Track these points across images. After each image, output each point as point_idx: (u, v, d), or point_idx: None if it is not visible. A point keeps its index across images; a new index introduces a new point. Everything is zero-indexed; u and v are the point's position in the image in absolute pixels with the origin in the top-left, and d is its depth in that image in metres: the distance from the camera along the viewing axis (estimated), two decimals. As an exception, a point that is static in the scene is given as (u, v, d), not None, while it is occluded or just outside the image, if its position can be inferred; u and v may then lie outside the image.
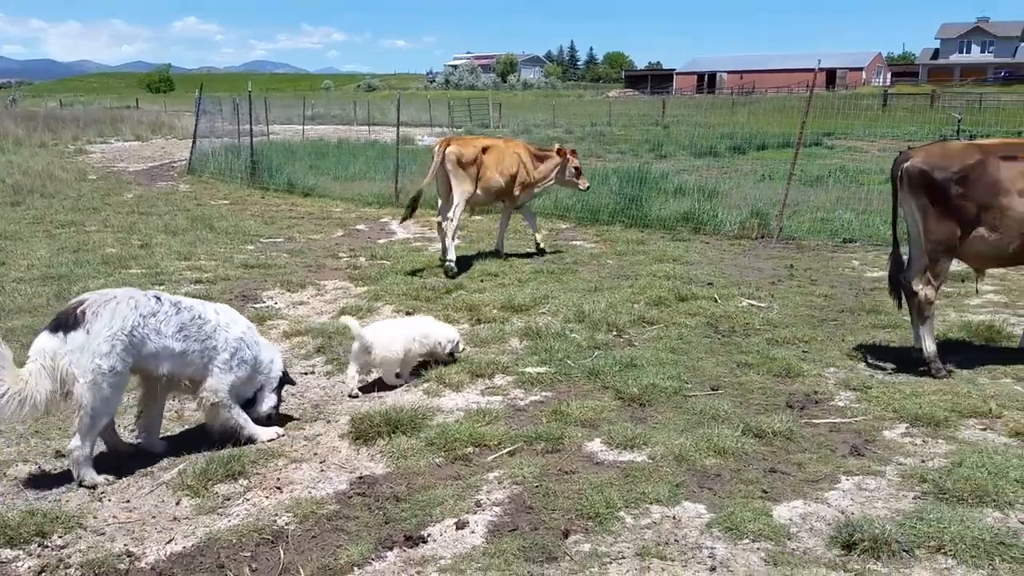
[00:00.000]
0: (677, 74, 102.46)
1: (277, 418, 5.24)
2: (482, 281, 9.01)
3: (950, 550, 3.63)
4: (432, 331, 6.09)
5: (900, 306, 6.41)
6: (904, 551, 3.62)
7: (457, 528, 3.90)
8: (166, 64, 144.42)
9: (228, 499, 4.28)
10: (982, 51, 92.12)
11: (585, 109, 52.64)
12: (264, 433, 4.98)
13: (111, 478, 4.49)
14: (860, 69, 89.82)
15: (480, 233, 12.23)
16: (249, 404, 5.03)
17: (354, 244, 11.56)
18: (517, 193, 10.44)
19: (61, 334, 4.23)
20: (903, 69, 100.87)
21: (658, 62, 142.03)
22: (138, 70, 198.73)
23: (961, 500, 4.06)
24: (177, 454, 4.77)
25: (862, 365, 6.21)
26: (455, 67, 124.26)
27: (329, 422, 5.28)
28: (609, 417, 5.22)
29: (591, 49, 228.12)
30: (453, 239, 9.61)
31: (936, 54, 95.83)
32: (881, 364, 6.21)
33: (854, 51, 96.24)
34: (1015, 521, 3.89)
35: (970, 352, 6.50)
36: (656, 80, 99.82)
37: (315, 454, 4.81)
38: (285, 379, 5.24)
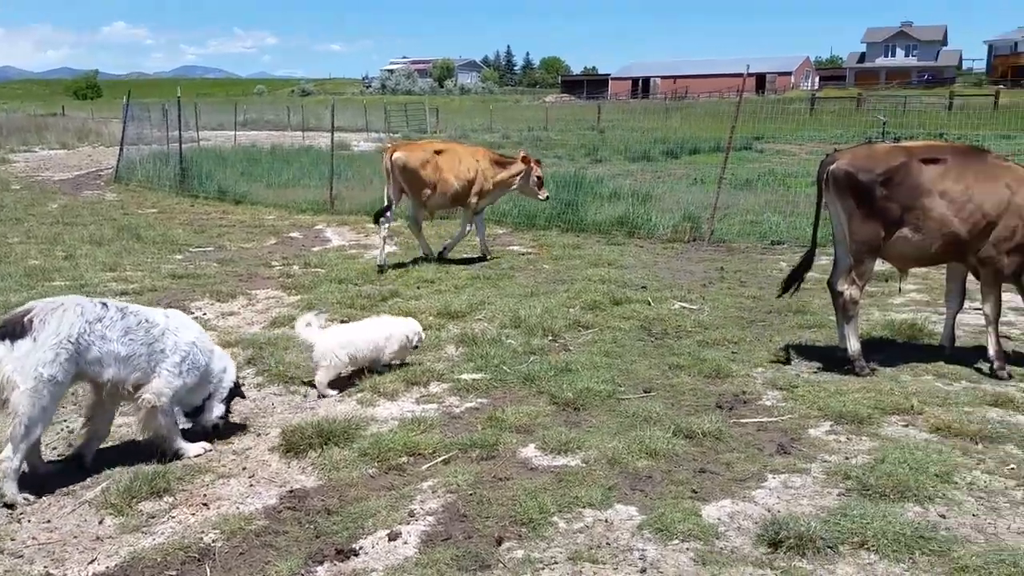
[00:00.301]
0: (612, 79, 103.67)
1: (222, 430, 5.17)
2: (418, 288, 8.97)
3: (873, 545, 3.73)
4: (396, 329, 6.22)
5: (780, 296, 6.87)
6: (828, 547, 3.72)
7: (389, 540, 3.87)
8: (93, 70, 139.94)
9: (153, 517, 4.18)
10: (906, 55, 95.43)
11: (522, 114, 52.93)
12: (191, 449, 4.86)
13: (31, 498, 4.34)
14: (789, 73, 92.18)
15: (406, 240, 12.16)
16: (197, 412, 5.00)
17: (287, 252, 11.39)
18: (474, 200, 10.46)
19: (8, 342, 4.18)
20: (831, 73, 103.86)
21: (594, 67, 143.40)
22: (64, 76, 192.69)
23: (883, 496, 4.18)
24: (100, 471, 4.63)
25: (789, 365, 6.37)
26: (392, 72, 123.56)
27: (259, 435, 5.19)
28: (544, 422, 5.25)
29: (528, 54, 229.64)
30: (386, 239, 10.08)
31: (862, 58, 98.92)
32: (807, 363, 6.37)
33: (783, 55, 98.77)
34: (934, 515, 4.02)
35: (893, 350, 6.71)
36: (592, 85, 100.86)
37: (244, 468, 4.72)
38: (236, 391, 5.18)
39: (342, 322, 7.27)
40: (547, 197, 11.22)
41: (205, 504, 4.28)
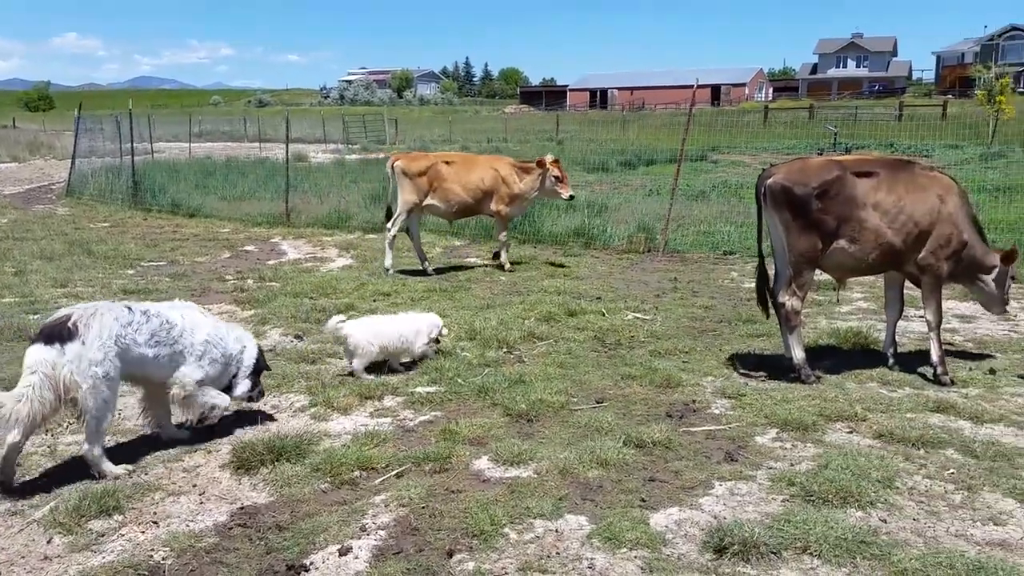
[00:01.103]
0: (570, 90, 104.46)
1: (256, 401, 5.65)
2: (374, 301, 8.97)
3: (815, 550, 3.82)
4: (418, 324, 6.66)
5: (768, 316, 6.73)
6: (772, 553, 3.81)
7: (340, 555, 3.88)
8: (45, 81, 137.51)
9: (102, 535, 4.13)
10: (857, 65, 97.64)
11: (482, 125, 53.08)
12: (220, 400, 5.27)
13: (129, 467, 4.84)
14: (743, 85, 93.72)
15: (374, 252, 12.17)
16: (226, 391, 5.38)
17: (241, 266, 11.31)
18: (502, 208, 10.61)
19: (58, 345, 4.48)
20: (784, 84, 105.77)
21: (552, 78, 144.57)
22: (15, 87, 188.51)
23: (826, 502, 4.28)
24: (49, 490, 4.58)
25: (737, 374, 6.50)
26: (350, 82, 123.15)
27: (210, 452, 5.15)
28: (497, 434, 5.29)
29: (487, 65, 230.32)
30: (391, 247, 10.48)
31: (815, 69, 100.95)
32: (755, 372, 6.50)
33: (738, 67, 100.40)
34: (876, 520, 4.14)
35: (839, 357, 6.87)
36: (550, 96, 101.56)
37: (194, 486, 4.69)
38: (260, 365, 5.57)
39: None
40: (571, 196, 10.88)
41: (155, 522, 4.25)
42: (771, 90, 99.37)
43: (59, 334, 4.50)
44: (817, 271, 6.53)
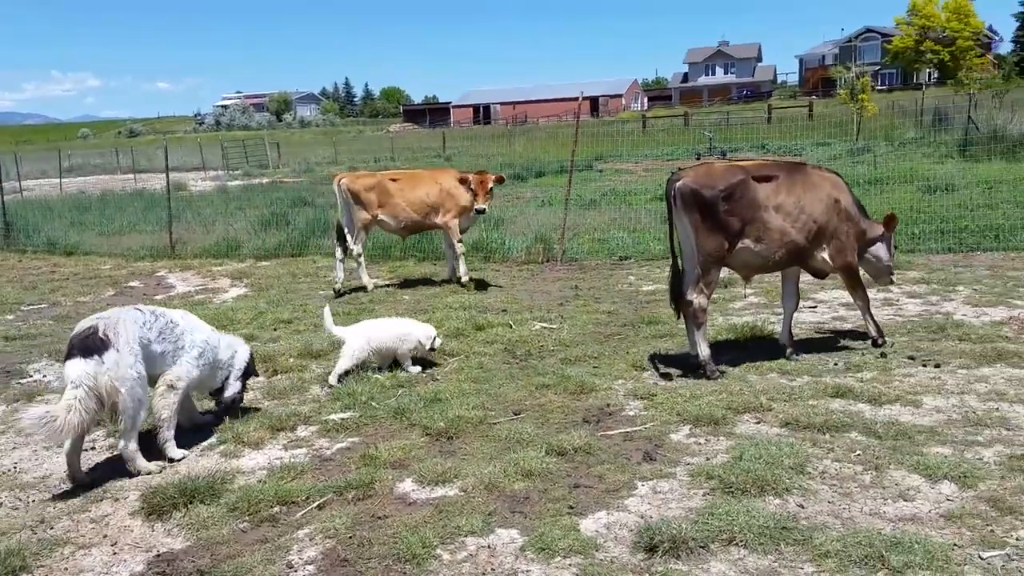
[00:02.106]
0: (454, 107, 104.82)
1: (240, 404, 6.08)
2: (275, 329, 8.73)
3: (741, 540, 3.94)
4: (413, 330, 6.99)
5: (679, 316, 6.92)
6: (700, 547, 3.90)
7: (270, 593, 3.74)
8: None
9: (6, 603, 3.85)
10: (725, 72, 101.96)
11: (367, 145, 52.64)
12: (175, 451, 5.44)
13: (162, 463, 5.22)
14: (620, 96, 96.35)
15: (268, 280, 11.85)
16: (218, 392, 5.92)
17: (127, 303, 10.74)
18: (450, 220, 10.47)
19: (96, 357, 4.86)
20: (657, 93, 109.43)
21: (435, 96, 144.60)
22: None
23: (745, 492, 4.42)
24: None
25: (647, 374, 6.64)
26: (225, 107, 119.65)
27: (117, 500, 4.88)
28: (419, 455, 5.22)
29: (367, 85, 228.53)
30: (360, 264, 10.66)
31: (685, 77, 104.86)
32: (663, 372, 6.66)
33: (613, 78, 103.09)
34: (793, 505, 4.29)
35: (738, 352, 7.12)
36: (434, 113, 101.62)
37: (105, 536, 4.43)
38: (249, 370, 6.06)
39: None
40: (480, 210, 10.16)
41: (64, 581, 3.99)
42: (646, 99, 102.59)
43: (94, 345, 4.89)
44: (726, 270, 6.79)
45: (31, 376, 7.52)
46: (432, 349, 7.05)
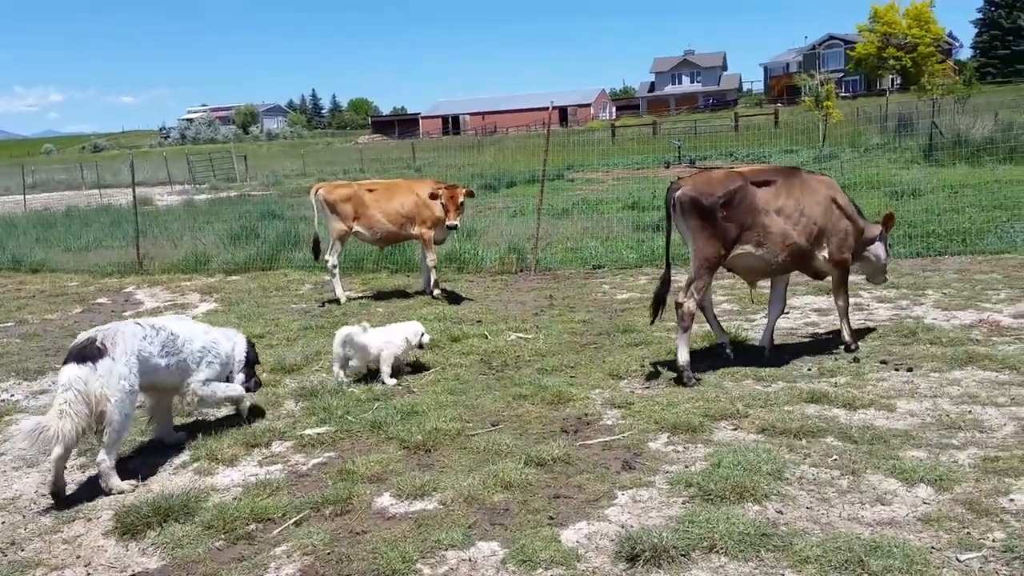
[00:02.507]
0: (423, 118, 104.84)
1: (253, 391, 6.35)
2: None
3: (721, 548, 3.93)
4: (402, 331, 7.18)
5: (653, 322, 6.98)
6: (682, 555, 3.89)
7: (248, 614, 3.68)
8: None
9: (-27, 630, 3.75)
10: (691, 81, 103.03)
11: (336, 156, 52.39)
12: (245, 396, 6.14)
13: (135, 482, 5.15)
14: (588, 105, 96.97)
15: (239, 294, 11.72)
16: (232, 401, 6.12)
17: (96, 320, 10.58)
18: (425, 231, 10.41)
19: (90, 364, 4.95)
20: (625, 103, 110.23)
21: (403, 107, 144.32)
22: None
23: (724, 499, 4.42)
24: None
25: (623, 383, 6.65)
26: (191, 121, 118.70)
27: (89, 520, 4.78)
28: (396, 468, 5.17)
29: (334, 96, 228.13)
30: (334, 276, 10.58)
31: (652, 87, 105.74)
32: (639, 380, 6.67)
33: (582, 88, 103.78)
34: (772, 512, 4.30)
35: (714, 359, 7.15)
36: (403, 125, 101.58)
37: (78, 557, 4.33)
38: (252, 360, 6.27)
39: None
40: (452, 226, 9.87)
41: (34, 606, 3.89)
42: (614, 109, 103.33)
43: (90, 353, 4.99)
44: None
45: (-4, 396, 7.34)
46: (420, 346, 7.25)
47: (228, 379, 6.04)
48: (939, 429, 5.25)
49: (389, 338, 7.05)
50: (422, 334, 7.23)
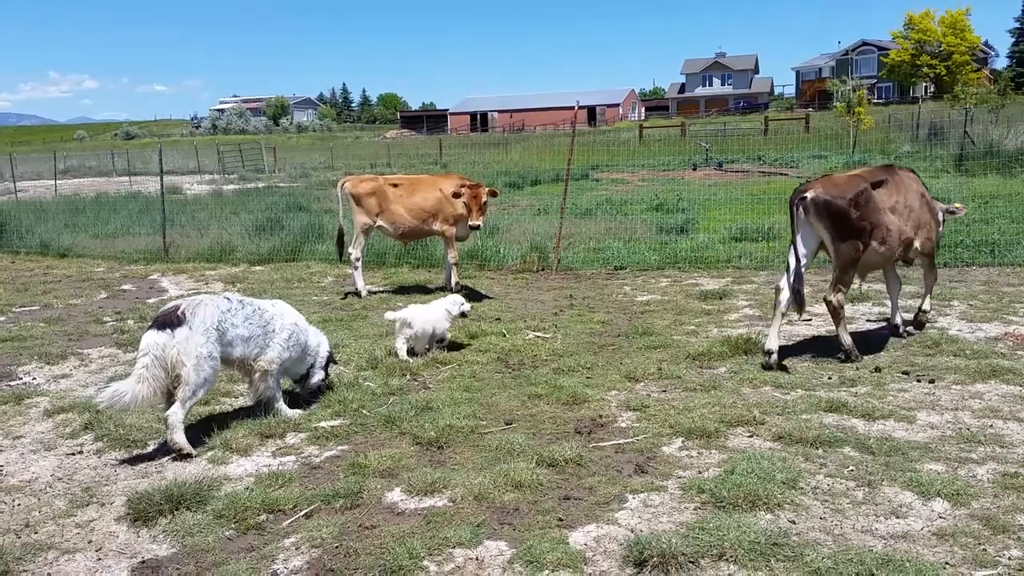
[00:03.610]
0: (451, 114, 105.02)
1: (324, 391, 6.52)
2: (266, 335, 8.66)
3: (731, 556, 3.89)
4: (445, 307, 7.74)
5: (800, 315, 7.53)
6: (690, 562, 3.85)
7: (254, 604, 3.69)
8: None
9: (-14, 609, 3.80)
10: (722, 84, 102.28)
11: (364, 151, 52.56)
12: (290, 412, 6.07)
13: (194, 451, 5.40)
14: (617, 105, 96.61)
15: (261, 285, 11.79)
16: (303, 379, 6.35)
17: (120, 306, 10.73)
18: (447, 228, 10.43)
19: (168, 331, 5.27)
20: (655, 103, 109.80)
21: (432, 102, 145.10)
22: None
23: (736, 506, 4.37)
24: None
25: (640, 385, 6.61)
26: (222, 111, 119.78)
27: (103, 505, 4.82)
28: (408, 464, 5.18)
29: (364, 90, 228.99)
30: (356, 269, 10.62)
31: (682, 88, 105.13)
32: (655, 382, 6.63)
33: (611, 88, 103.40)
34: (785, 521, 4.24)
35: (733, 363, 7.08)
36: (431, 120, 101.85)
37: (90, 542, 4.38)
38: (331, 359, 6.55)
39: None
40: (475, 226, 10.05)
41: (46, 588, 3.94)
42: (643, 110, 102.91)
43: (170, 321, 5.30)
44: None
45: (20, 379, 7.45)
46: (463, 315, 7.87)
47: (308, 373, 6.33)
48: (959, 443, 5.16)
49: (434, 315, 7.58)
50: (462, 303, 7.78)
